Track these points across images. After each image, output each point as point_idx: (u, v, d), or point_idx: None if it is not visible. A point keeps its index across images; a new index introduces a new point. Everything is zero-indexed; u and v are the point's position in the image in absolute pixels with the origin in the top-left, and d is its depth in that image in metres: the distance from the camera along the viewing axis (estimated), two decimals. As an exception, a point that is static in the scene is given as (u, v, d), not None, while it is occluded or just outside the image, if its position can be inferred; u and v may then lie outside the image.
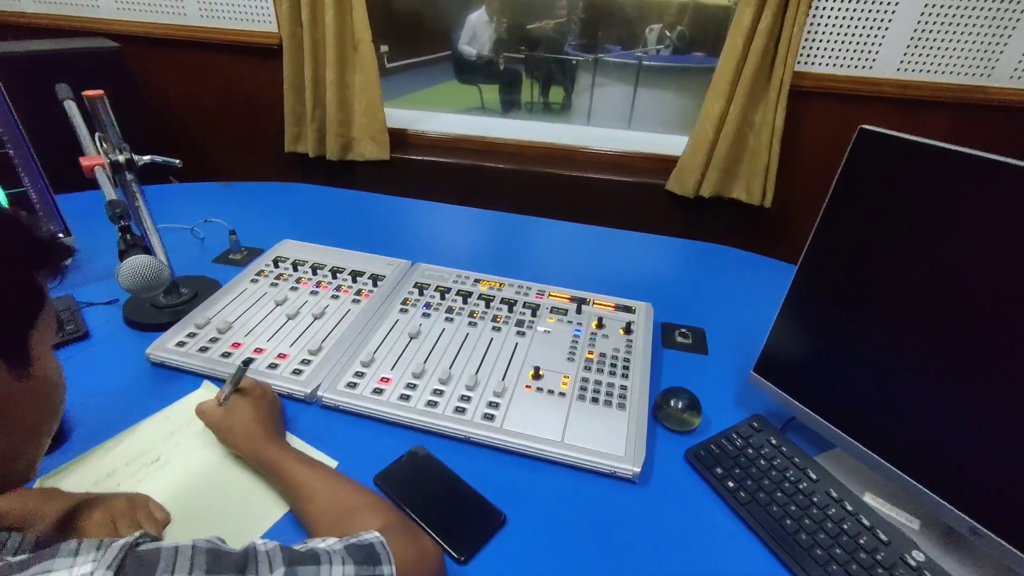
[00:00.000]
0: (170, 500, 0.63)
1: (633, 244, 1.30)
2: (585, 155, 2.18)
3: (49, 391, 0.42)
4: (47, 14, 2.13)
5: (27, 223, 0.41)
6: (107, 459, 0.68)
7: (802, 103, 1.79)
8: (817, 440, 0.75)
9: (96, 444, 0.69)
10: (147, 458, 0.68)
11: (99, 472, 0.66)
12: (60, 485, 0.62)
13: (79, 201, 1.07)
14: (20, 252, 0.39)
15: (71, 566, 0.31)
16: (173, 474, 0.67)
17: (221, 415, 0.66)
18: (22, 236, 0.40)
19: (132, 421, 0.73)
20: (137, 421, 0.73)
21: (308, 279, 1.00)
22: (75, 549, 0.33)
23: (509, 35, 4.89)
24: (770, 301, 0.74)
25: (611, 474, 0.69)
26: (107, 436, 0.70)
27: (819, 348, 0.70)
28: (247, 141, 2.32)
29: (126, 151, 0.78)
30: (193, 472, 0.67)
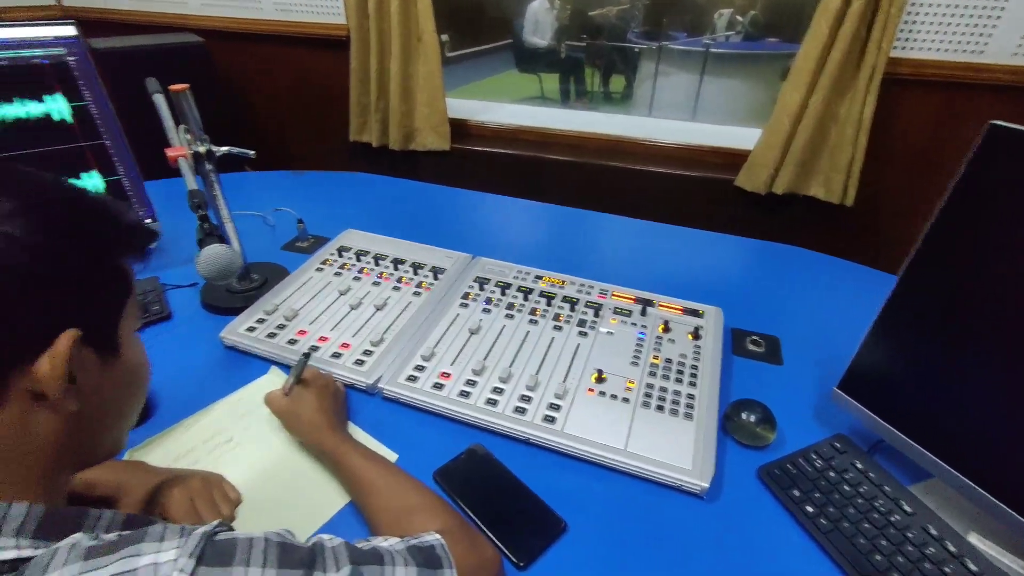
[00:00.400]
0: (240, 481, 0.65)
1: (700, 243, 1.23)
2: (648, 148, 2.10)
3: (135, 374, 0.44)
4: (140, 11, 2.28)
5: (115, 209, 0.41)
6: (186, 436, 0.71)
7: (896, 92, 1.63)
8: (910, 468, 0.68)
9: (176, 422, 0.73)
10: (221, 438, 0.71)
11: (179, 448, 0.69)
12: (144, 459, 0.66)
13: (164, 188, 1.13)
14: (110, 239, 0.40)
15: (157, 551, 0.33)
16: (244, 455, 0.69)
17: (286, 405, 0.68)
18: (111, 222, 0.41)
19: (208, 401, 0.76)
20: (212, 402, 0.76)
21: (371, 269, 1.02)
22: (161, 534, 0.34)
23: (571, 23, 4.79)
24: (854, 310, 0.68)
25: (677, 487, 0.65)
26: (186, 414, 0.74)
27: (920, 367, 0.63)
28: (315, 130, 2.39)
29: (206, 142, 0.81)
30: (262, 455, 0.69)
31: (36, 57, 0.80)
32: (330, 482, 0.66)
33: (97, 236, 0.39)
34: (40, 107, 0.82)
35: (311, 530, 0.60)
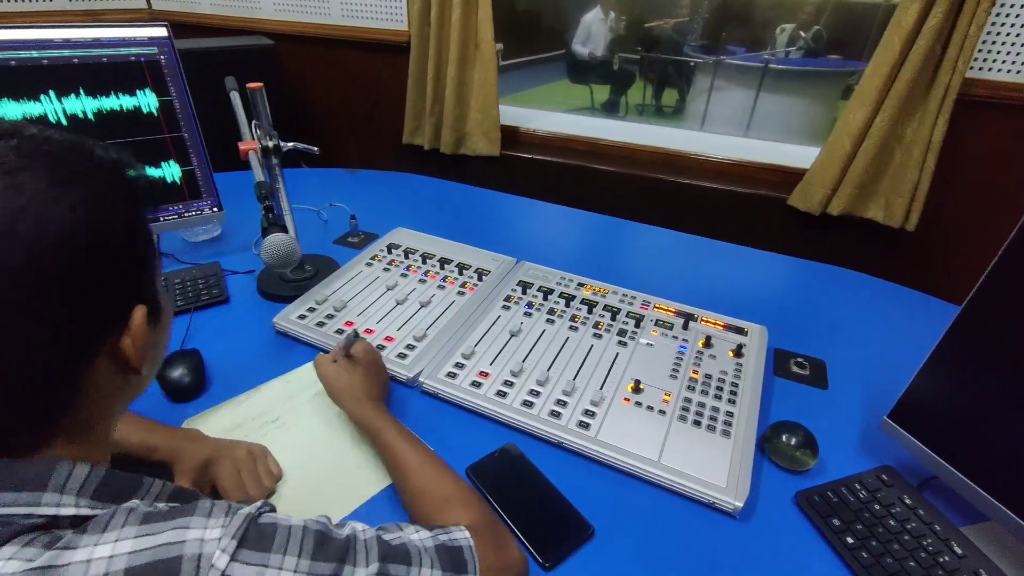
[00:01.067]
0: (284, 459, 0.68)
1: (747, 260, 1.21)
2: (699, 162, 2.07)
3: (168, 324, 0.47)
4: (218, 15, 2.43)
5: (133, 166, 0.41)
6: (238, 412, 0.75)
7: (970, 115, 1.55)
8: (963, 508, 0.65)
9: (229, 398, 0.77)
10: (268, 416, 0.75)
11: (230, 423, 0.74)
12: (199, 428, 0.70)
13: (228, 180, 1.20)
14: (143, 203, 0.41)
15: (204, 527, 0.35)
16: (289, 434, 0.73)
17: (334, 371, 0.71)
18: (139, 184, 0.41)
19: (259, 381, 0.80)
20: (263, 382, 0.80)
21: (418, 267, 1.05)
22: (208, 510, 0.36)
23: (625, 34, 4.78)
24: (908, 338, 0.66)
25: (710, 504, 0.64)
26: (238, 392, 0.78)
27: (980, 402, 0.60)
28: (371, 132, 2.48)
29: (275, 138, 0.87)
30: (306, 436, 0.73)
31: (132, 55, 0.88)
32: (368, 464, 0.68)
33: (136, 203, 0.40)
34: (132, 100, 0.90)
35: (348, 511, 0.62)
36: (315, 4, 2.23)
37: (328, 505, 0.64)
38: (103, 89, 0.87)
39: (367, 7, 2.16)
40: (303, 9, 2.26)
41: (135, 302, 0.39)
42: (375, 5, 2.14)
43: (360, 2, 2.16)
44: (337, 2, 2.19)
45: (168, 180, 0.98)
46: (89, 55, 0.86)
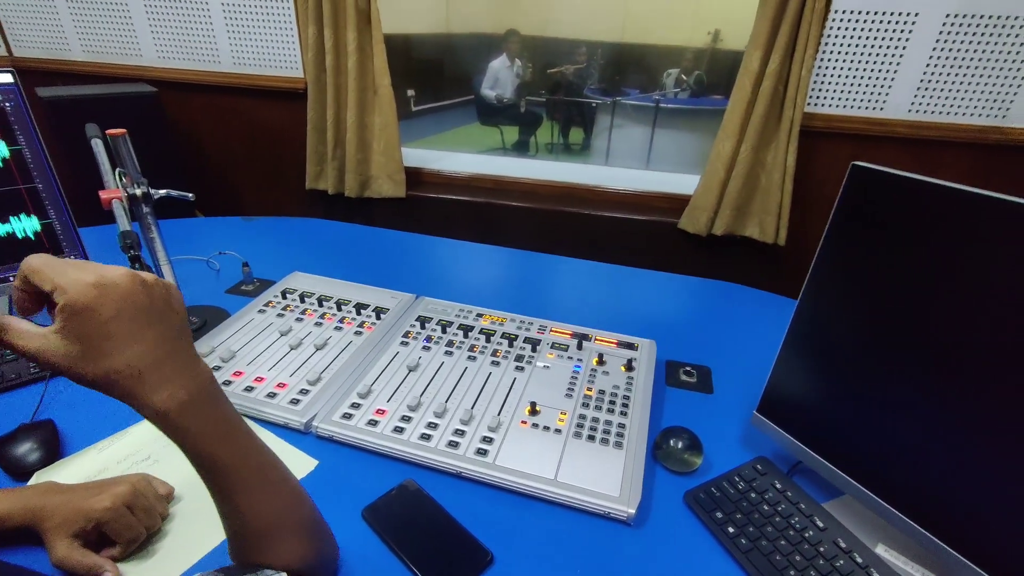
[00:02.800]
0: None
1: (642, 281, 1.29)
2: (599, 194, 2.20)
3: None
4: (94, 62, 2.30)
5: None
6: (99, 458, 0.70)
7: (813, 143, 1.79)
8: (827, 486, 0.71)
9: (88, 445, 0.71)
10: (138, 456, 0.71)
11: (91, 469, 0.68)
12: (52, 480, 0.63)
13: (101, 234, 1.12)
14: None
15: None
16: (164, 471, 0.68)
17: None
18: None
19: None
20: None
21: (314, 310, 1.02)
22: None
23: (530, 79, 5.06)
24: (778, 339, 0.73)
25: (605, 515, 0.66)
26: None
27: (822, 388, 0.68)
28: (272, 179, 2.42)
29: (143, 185, 0.83)
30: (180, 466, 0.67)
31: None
32: None
33: None
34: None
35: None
36: (203, 52, 2.18)
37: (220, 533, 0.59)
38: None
39: (259, 55, 2.14)
40: (190, 57, 2.20)
41: None
42: (267, 53, 2.13)
43: (251, 50, 2.14)
44: (227, 50, 2.16)
45: (20, 235, 0.90)
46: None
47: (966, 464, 0.54)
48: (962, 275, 0.52)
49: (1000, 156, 1.73)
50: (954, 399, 0.54)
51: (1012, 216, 0.49)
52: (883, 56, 1.68)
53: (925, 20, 1.62)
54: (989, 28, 1.59)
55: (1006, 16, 1.57)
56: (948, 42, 1.63)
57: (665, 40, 5.11)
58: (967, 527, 0.55)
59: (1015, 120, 1.68)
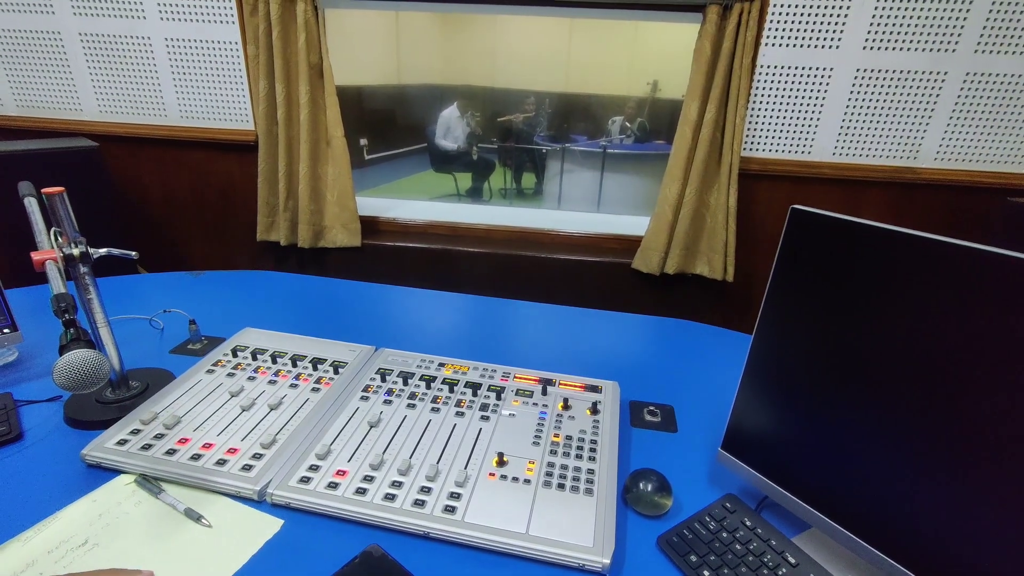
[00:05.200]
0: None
1: (600, 322, 1.31)
2: (553, 237, 2.25)
3: None
4: (28, 116, 2.21)
5: None
6: (24, 550, 0.63)
7: (752, 184, 1.92)
8: (795, 520, 0.72)
9: (9, 537, 0.64)
10: (73, 543, 0.64)
11: (15, 565, 0.60)
12: None
13: (33, 295, 1.05)
14: None
15: None
16: (105, 555, 0.62)
17: None
18: None
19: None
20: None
21: (267, 368, 0.98)
22: None
23: (481, 128, 5.22)
24: (736, 375, 0.75)
25: (580, 567, 0.64)
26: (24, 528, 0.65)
27: (782, 422, 0.70)
28: (221, 232, 2.35)
29: (81, 244, 0.78)
30: (132, 547, 0.63)
31: None
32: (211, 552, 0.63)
33: None
34: None
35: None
36: (147, 106, 2.14)
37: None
38: None
39: (206, 108, 2.11)
40: (133, 110, 2.15)
41: None
42: (215, 106, 2.11)
43: (198, 104, 2.11)
44: (174, 103, 2.12)
45: None
46: None
47: (925, 491, 0.56)
48: (899, 309, 0.56)
49: (913, 194, 1.91)
50: (903, 426, 0.57)
51: (936, 254, 0.53)
52: (807, 105, 1.84)
53: (839, 74, 1.80)
54: (894, 81, 1.78)
55: (906, 71, 1.76)
56: (860, 93, 1.80)
57: (607, 90, 5.42)
58: (933, 555, 0.56)
59: (924, 161, 1.86)
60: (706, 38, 1.73)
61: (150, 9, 1.98)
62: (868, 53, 1.76)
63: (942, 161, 1.84)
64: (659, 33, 4.50)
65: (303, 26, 1.86)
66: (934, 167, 1.85)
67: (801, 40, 1.76)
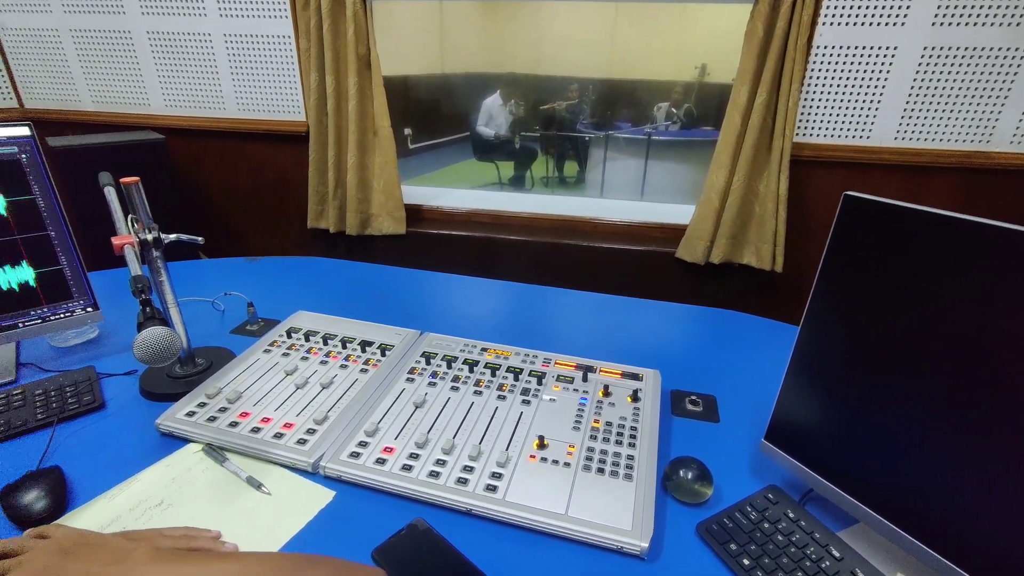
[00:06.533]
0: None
1: (642, 311, 1.30)
2: (596, 226, 2.24)
3: None
4: (104, 111, 2.37)
5: None
6: (110, 507, 0.69)
7: (804, 171, 1.84)
8: (841, 514, 0.71)
9: (97, 495, 0.71)
10: (151, 502, 0.70)
11: (102, 519, 0.67)
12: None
13: (107, 278, 1.13)
14: None
15: None
16: (178, 514, 0.68)
17: None
18: None
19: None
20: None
21: (319, 349, 1.03)
22: None
23: (524, 116, 5.20)
24: (781, 366, 0.73)
25: (618, 549, 0.65)
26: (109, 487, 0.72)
27: (829, 415, 0.68)
28: (274, 219, 2.46)
29: (154, 230, 0.84)
30: (200, 509, 0.69)
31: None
32: (273, 517, 0.69)
33: None
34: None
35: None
36: (208, 99, 2.25)
37: None
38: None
39: (263, 101, 2.21)
40: (196, 104, 2.27)
41: None
42: (271, 99, 2.20)
43: (255, 96, 2.21)
44: (232, 97, 2.22)
45: (6, 287, 0.91)
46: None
47: (979, 486, 0.54)
48: (957, 299, 0.54)
49: (985, 180, 1.78)
50: (956, 419, 0.55)
51: (998, 241, 0.50)
52: (866, 87, 1.74)
53: (904, 53, 1.69)
54: (964, 59, 1.66)
55: (979, 48, 1.64)
56: (928, 72, 1.69)
57: (653, 75, 5.28)
58: (987, 552, 0.54)
59: (998, 144, 1.73)
60: (758, 19, 1.66)
61: (210, 6, 2.08)
62: (937, 29, 1.64)
63: (1019, 144, 1.71)
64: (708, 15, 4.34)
65: (352, 18, 1.90)
66: (1010, 151, 1.72)
67: (862, 18, 1.67)
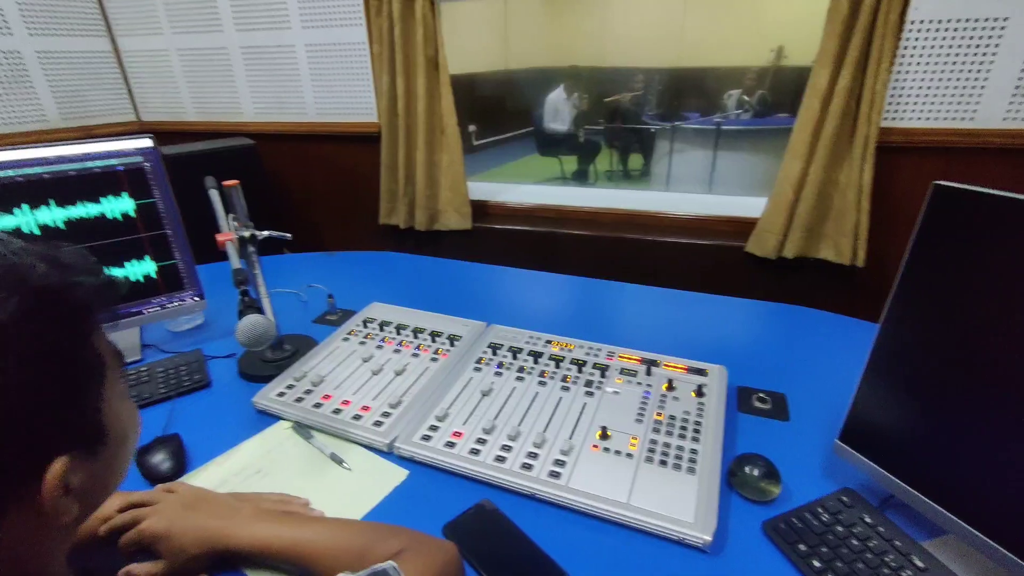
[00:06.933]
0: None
1: (708, 306, 1.28)
2: (661, 220, 2.20)
3: (125, 438, 0.44)
4: (203, 120, 2.61)
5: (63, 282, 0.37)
6: (219, 471, 0.79)
7: (892, 158, 1.71)
8: (925, 524, 0.67)
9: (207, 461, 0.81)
10: (251, 470, 0.79)
11: (214, 481, 0.77)
12: None
13: (212, 271, 1.26)
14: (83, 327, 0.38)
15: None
16: (273, 482, 0.77)
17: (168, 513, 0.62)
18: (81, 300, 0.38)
19: (238, 447, 0.84)
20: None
21: (392, 338, 1.09)
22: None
23: (588, 109, 5.15)
24: (857, 365, 0.70)
25: (679, 540, 0.66)
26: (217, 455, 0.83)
27: (914, 418, 0.65)
28: (349, 216, 2.60)
29: (250, 228, 0.94)
30: (290, 478, 0.78)
31: (120, 165, 0.98)
32: (358, 488, 0.76)
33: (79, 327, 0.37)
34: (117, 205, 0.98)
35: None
36: (292, 105, 2.42)
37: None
38: (90, 197, 0.96)
39: (340, 104, 2.34)
40: (281, 110, 2.45)
41: (56, 453, 0.35)
42: (346, 102, 2.33)
43: (333, 100, 2.34)
44: (312, 101, 2.38)
45: (134, 279, 1.04)
46: (84, 168, 0.96)
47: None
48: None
49: (1115, 164, 1.58)
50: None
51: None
52: (969, 64, 1.59)
53: (1017, 24, 1.53)
54: (1091, 28, 1.48)
55: (1110, 14, 1.45)
56: (1044, 45, 1.52)
57: (723, 62, 5.05)
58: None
59: None
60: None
61: (294, 20, 2.23)
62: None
63: None
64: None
65: (421, 21, 1.98)
66: None
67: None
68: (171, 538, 0.59)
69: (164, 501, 0.63)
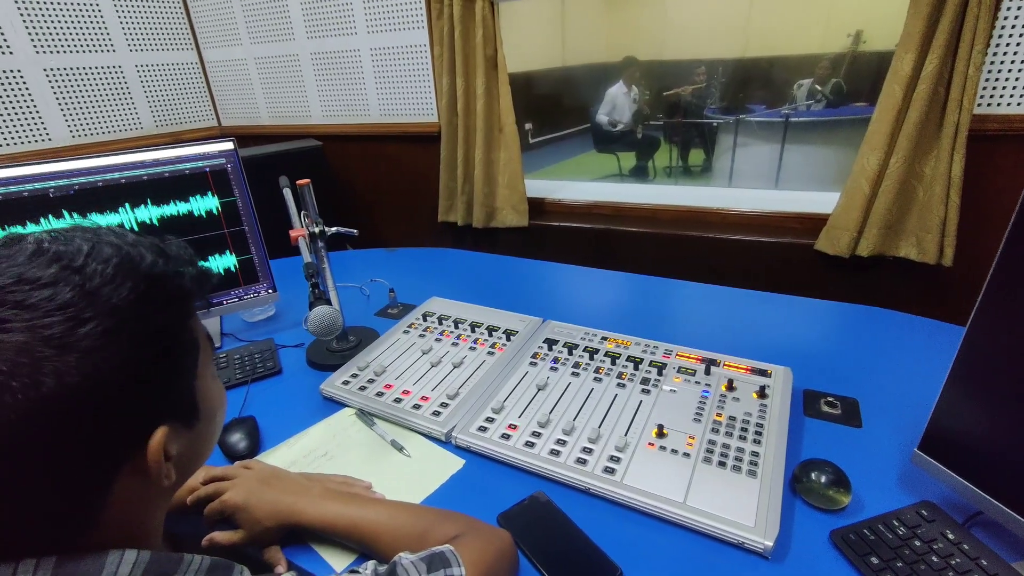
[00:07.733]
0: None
1: (773, 306, 1.22)
2: (724, 217, 2.12)
3: (215, 413, 0.48)
4: (275, 124, 2.78)
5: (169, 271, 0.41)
6: (290, 452, 0.85)
7: (986, 148, 1.56)
8: (1017, 543, 0.62)
9: (279, 442, 0.87)
10: (318, 452, 0.84)
11: (285, 461, 0.82)
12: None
13: (281, 265, 1.35)
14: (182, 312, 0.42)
15: None
16: (338, 464, 0.82)
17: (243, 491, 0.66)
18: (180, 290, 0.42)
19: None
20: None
21: (450, 332, 1.12)
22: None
23: (647, 104, 5.03)
24: (939, 370, 0.66)
25: (739, 544, 0.64)
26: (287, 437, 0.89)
27: (1007, 427, 0.60)
28: (409, 213, 2.69)
29: (320, 224, 0.99)
30: (354, 462, 0.82)
31: (206, 167, 1.07)
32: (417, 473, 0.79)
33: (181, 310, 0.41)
34: (203, 204, 1.08)
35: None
36: (356, 107, 2.52)
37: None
38: (180, 196, 1.06)
39: (401, 105, 2.42)
40: (347, 113, 2.56)
41: (158, 423, 0.39)
42: (408, 102, 2.40)
43: (395, 101, 2.43)
44: (375, 103, 2.47)
45: (217, 270, 1.14)
46: (176, 169, 1.06)
47: None
48: None
49: None
50: None
51: None
52: (1079, 43, 1.43)
53: None
54: None
55: None
56: None
57: (795, 50, 4.78)
58: None
59: None
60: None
61: (360, 25, 2.32)
62: None
63: None
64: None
65: (480, 22, 2.01)
66: None
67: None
68: (249, 510, 0.64)
69: (242, 476, 0.69)
